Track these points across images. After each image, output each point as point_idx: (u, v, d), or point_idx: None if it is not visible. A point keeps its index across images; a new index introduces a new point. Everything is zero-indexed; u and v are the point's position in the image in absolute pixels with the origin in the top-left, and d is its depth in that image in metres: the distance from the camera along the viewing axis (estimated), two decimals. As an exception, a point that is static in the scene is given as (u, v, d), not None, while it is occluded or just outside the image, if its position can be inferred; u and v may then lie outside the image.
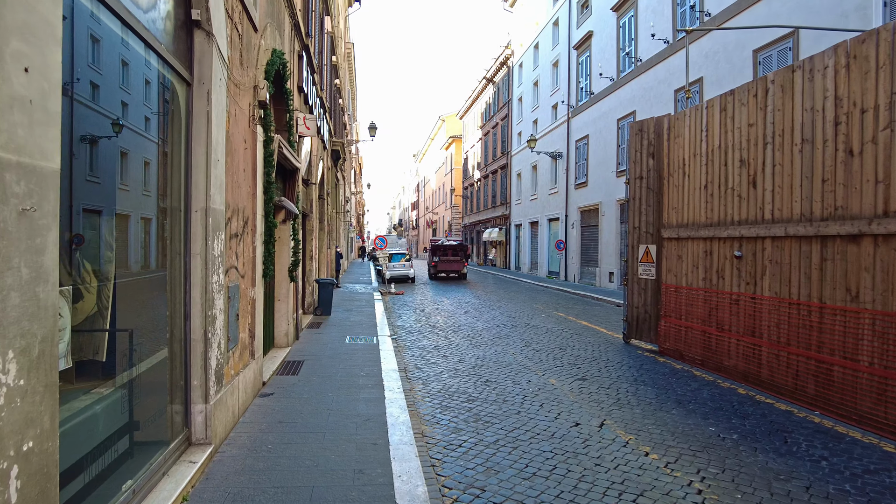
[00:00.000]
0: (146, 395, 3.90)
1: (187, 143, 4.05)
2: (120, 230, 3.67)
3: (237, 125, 5.09)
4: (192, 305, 4.06)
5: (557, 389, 6.50)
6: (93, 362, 3.54)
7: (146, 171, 3.82)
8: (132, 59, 3.54)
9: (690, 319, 7.95)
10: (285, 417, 5.18)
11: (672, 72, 17.14)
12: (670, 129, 8.61)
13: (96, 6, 2.89)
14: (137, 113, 3.65)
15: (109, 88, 3.32)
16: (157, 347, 3.98)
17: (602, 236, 21.58)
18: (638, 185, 9.31)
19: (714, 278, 7.46)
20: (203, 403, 4.12)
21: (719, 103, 7.33)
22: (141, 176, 3.77)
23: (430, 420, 5.41)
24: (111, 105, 3.33)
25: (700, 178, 7.78)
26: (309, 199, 11.47)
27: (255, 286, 5.79)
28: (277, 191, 7.62)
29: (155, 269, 3.97)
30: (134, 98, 3.61)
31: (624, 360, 8.17)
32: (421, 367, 7.62)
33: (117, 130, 3.42)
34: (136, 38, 3.41)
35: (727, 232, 7.13)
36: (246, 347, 5.48)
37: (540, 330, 10.94)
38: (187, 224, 4.04)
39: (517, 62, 34.53)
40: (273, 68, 6.33)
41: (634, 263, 9.38)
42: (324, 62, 14.89)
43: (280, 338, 8.18)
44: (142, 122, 3.71)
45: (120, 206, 3.61)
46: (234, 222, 4.98)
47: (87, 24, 2.95)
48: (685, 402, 6.01)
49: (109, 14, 2.99)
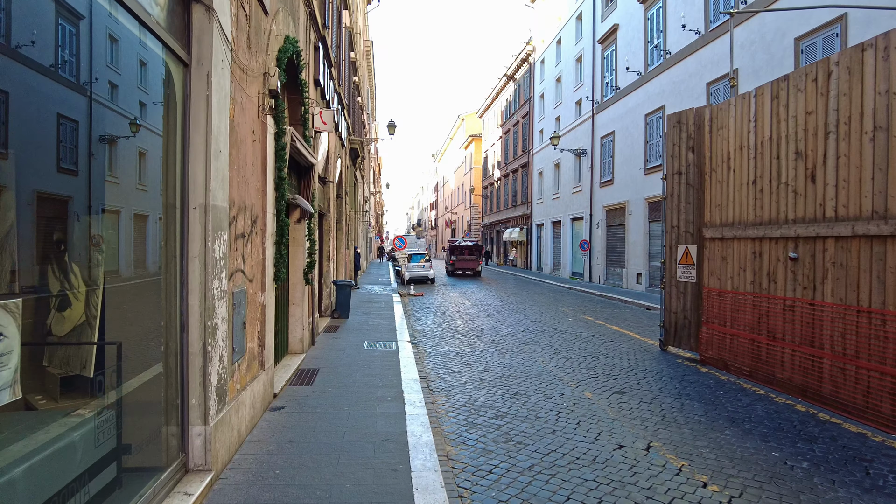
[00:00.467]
0: (138, 415, 3.46)
1: (184, 131, 3.60)
2: (110, 229, 3.23)
3: (244, 114, 4.64)
4: (190, 314, 3.60)
5: (594, 404, 5.92)
6: (79, 378, 3.11)
7: (141, 163, 3.37)
8: (121, 36, 3.10)
9: (736, 326, 7.30)
10: (297, 436, 4.70)
11: (704, 64, 16.36)
12: (712, 121, 7.96)
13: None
14: (128, 97, 3.20)
15: (95, 68, 2.87)
16: (151, 362, 3.54)
17: (629, 236, 20.82)
18: (676, 181, 8.67)
19: (764, 282, 6.80)
20: (202, 425, 3.66)
21: (770, 90, 6.67)
22: (133, 168, 3.32)
23: (456, 440, 4.89)
24: (98, 88, 2.88)
25: (747, 172, 7.12)
26: (326, 198, 11.04)
27: (266, 291, 5.34)
28: (291, 188, 7.18)
29: (150, 274, 3.53)
30: (124, 80, 3.16)
31: (663, 371, 7.55)
32: (443, 377, 7.10)
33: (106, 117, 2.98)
34: (126, 11, 2.96)
35: (780, 231, 6.47)
36: (255, 358, 5.03)
37: (568, 336, 10.34)
38: (184, 222, 3.58)
39: (539, 58, 33.82)
40: (286, 55, 5.88)
41: (672, 265, 8.74)
42: (341, 57, 14.49)
43: (295, 344, 7.74)
44: (133, 106, 3.27)
45: (110, 201, 3.17)
46: (241, 221, 4.53)
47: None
48: (739, 421, 5.39)
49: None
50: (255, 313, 5.07)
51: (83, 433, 2.91)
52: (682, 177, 8.56)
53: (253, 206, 4.93)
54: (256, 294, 5.09)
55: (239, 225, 4.47)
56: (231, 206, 4.22)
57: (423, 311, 14.12)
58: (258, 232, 5.13)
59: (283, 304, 7.38)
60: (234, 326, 4.31)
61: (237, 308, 4.40)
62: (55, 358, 3.12)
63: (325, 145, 10.43)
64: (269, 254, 5.47)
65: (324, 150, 10.33)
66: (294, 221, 7.61)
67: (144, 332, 3.51)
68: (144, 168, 3.45)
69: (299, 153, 6.82)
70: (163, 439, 3.54)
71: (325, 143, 10.41)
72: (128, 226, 3.35)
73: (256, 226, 5.07)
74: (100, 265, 3.18)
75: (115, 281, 3.24)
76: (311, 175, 7.89)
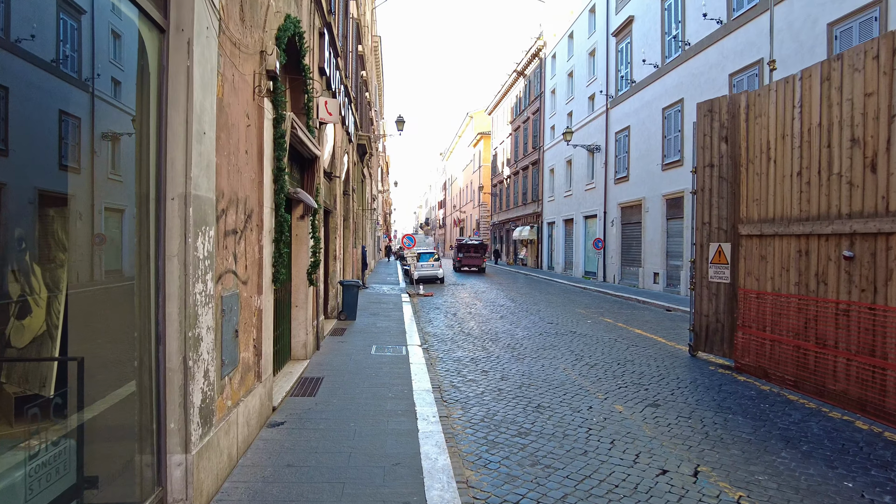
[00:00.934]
0: (107, 442, 2.93)
1: (160, 107, 3.06)
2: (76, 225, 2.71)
3: (236, 95, 4.09)
4: (168, 324, 3.06)
5: (627, 419, 5.33)
6: (37, 398, 2.59)
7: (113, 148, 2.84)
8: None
9: (778, 332, 6.67)
10: (296, 458, 4.16)
11: (726, 54, 15.65)
12: (749, 108, 7.33)
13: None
14: (95, 68, 2.66)
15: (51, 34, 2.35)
16: (123, 380, 3.00)
17: (646, 234, 20.13)
18: (707, 174, 8.04)
19: (812, 283, 6.17)
20: (182, 453, 3.12)
21: (820, 72, 6.04)
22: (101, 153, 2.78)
23: (476, 462, 4.32)
24: (50, 53, 2.35)
25: (792, 163, 6.49)
26: (332, 194, 10.51)
27: (263, 294, 4.80)
28: (293, 181, 6.64)
29: (126, 277, 3.00)
30: (87, 46, 2.62)
31: (697, 379, 6.93)
32: (458, 386, 6.54)
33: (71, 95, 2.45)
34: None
35: (832, 227, 5.84)
36: (249, 369, 4.49)
37: (589, 339, 9.73)
38: (160, 216, 3.04)
39: (550, 53, 33.12)
40: (286, 35, 5.34)
41: (703, 265, 8.11)
42: (348, 49, 13.95)
43: (297, 349, 7.21)
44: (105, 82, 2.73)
45: (74, 192, 2.64)
46: (232, 215, 3.99)
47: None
48: (794, 441, 4.78)
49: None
50: (251, 319, 4.53)
51: (42, 462, 2.40)
52: (714, 169, 7.93)
53: (247, 198, 4.39)
54: (252, 298, 4.55)
55: (229, 220, 3.92)
56: (219, 197, 3.68)
57: (434, 313, 13.56)
58: (253, 228, 4.59)
59: (285, 307, 6.84)
60: (223, 336, 3.77)
61: (227, 315, 3.86)
62: (14, 374, 2.61)
63: (331, 139, 9.90)
64: (267, 252, 4.93)
65: (330, 143, 9.79)
66: (296, 218, 7.07)
67: (116, 344, 2.98)
68: (119, 154, 2.92)
69: (301, 143, 6.27)
70: (136, 470, 3.01)
71: (331, 136, 9.87)
72: (99, 222, 2.82)
73: (252, 221, 4.53)
74: (63, 265, 2.66)
75: (86, 285, 2.72)
76: (314, 168, 7.34)
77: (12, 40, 2.16)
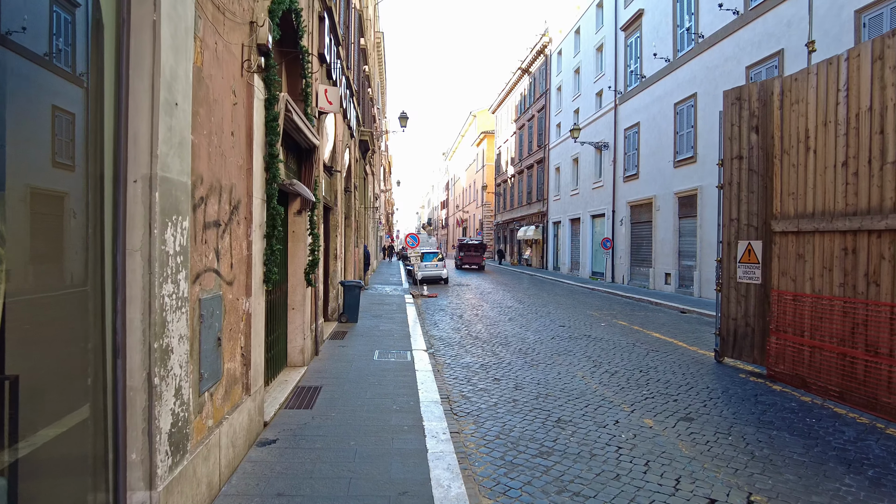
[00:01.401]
0: (50, 478, 2.38)
1: (118, 70, 2.51)
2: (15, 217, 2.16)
3: (220, 66, 3.55)
4: (129, 333, 2.52)
5: (660, 436, 4.77)
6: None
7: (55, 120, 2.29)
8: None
9: (819, 337, 6.10)
10: (288, 485, 3.61)
11: (742, 46, 15.07)
12: (784, 95, 6.75)
13: None
14: (32, 24, 2.12)
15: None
16: (74, 402, 2.46)
17: (657, 234, 19.54)
18: (736, 166, 7.46)
19: (860, 284, 5.59)
20: (146, 490, 2.57)
21: (871, 50, 5.47)
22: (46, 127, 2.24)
23: (494, 489, 3.76)
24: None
25: (835, 152, 5.92)
26: (333, 191, 9.97)
27: (252, 296, 4.25)
28: (289, 172, 6.10)
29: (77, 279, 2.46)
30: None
31: (729, 389, 6.36)
32: (469, 397, 5.98)
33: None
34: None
35: (885, 222, 5.27)
36: (236, 382, 3.94)
37: (606, 344, 9.16)
38: (118, 202, 2.49)
39: (556, 49, 32.53)
40: (280, 7, 4.78)
41: (731, 264, 7.54)
42: (350, 39, 13.41)
43: (294, 355, 6.66)
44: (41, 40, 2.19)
45: (13, 177, 2.10)
46: (214, 205, 3.44)
47: None
48: (855, 464, 4.21)
49: None
50: (238, 325, 3.98)
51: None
52: (743, 161, 7.36)
53: (233, 187, 3.84)
54: (239, 300, 4.00)
55: (210, 210, 3.38)
56: (197, 183, 3.13)
57: (439, 315, 13.01)
58: (241, 221, 4.04)
59: (281, 310, 6.30)
60: (202, 345, 3.22)
61: (207, 320, 3.31)
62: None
63: (331, 132, 9.36)
64: (257, 249, 4.38)
65: (331, 136, 9.25)
66: (293, 213, 6.52)
67: (64, 359, 2.43)
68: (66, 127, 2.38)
69: (297, 129, 5.72)
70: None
71: (331, 129, 9.33)
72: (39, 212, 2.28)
73: (239, 213, 3.98)
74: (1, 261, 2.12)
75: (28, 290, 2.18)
76: (313, 159, 6.79)
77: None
